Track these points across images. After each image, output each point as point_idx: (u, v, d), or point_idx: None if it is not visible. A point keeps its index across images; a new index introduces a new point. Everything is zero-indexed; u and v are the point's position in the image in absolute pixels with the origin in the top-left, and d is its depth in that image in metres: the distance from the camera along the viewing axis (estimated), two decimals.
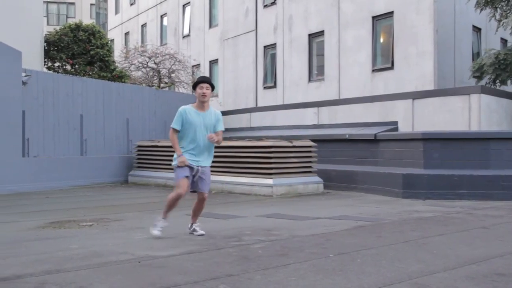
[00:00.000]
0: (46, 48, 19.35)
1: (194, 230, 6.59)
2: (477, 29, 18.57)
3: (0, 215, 8.77)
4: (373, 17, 17.54)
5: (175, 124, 6.34)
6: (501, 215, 8.45)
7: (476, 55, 18.19)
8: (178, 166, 6.29)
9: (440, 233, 6.66)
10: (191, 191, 6.49)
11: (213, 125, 6.42)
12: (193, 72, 25.68)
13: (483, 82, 15.63)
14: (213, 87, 6.43)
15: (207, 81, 6.39)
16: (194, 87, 6.44)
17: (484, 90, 13.18)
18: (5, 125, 12.47)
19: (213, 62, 26.42)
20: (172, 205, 6.39)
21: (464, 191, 10.72)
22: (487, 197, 10.55)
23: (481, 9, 15.85)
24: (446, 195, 10.72)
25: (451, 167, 11.26)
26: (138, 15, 34.47)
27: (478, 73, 15.24)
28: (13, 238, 6.46)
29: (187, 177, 6.29)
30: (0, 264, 4.96)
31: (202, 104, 6.37)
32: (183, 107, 6.44)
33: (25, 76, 13.35)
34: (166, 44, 28.52)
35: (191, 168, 6.34)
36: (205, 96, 6.31)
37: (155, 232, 6.32)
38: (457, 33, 17.07)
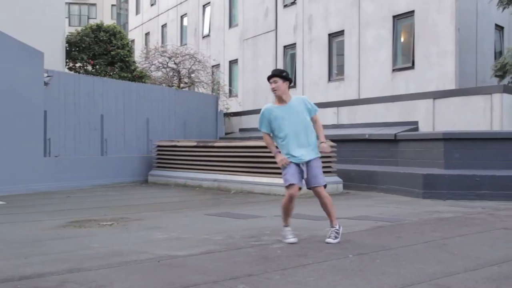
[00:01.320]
0: (67, 48, 19.56)
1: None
2: (499, 28, 18.34)
3: (22, 214, 8.89)
4: (394, 16, 17.42)
5: (261, 127, 6.27)
6: None
7: (498, 54, 17.97)
8: (284, 167, 6.04)
9: (461, 234, 6.60)
10: (308, 188, 6.27)
11: (303, 111, 6.05)
12: (212, 72, 25.75)
13: (505, 81, 15.44)
14: (285, 78, 6.04)
15: (273, 74, 6.05)
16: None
17: (507, 90, 13.01)
18: (27, 125, 12.62)
19: (232, 62, 26.46)
20: (286, 209, 6.15)
21: (486, 192, 10.59)
22: (509, 198, 10.41)
23: (504, 8, 15.65)
24: (467, 195, 10.61)
25: (472, 167, 11.14)
26: (158, 15, 34.66)
27: (501, 72, 15.05)
28: (35, 237, 6.54)
29: (294, 175, 6.01)
30: (22, 262, 5.02)
31: (280, 98, 6.10)
32: (265, 106, 6.27)
33: (47, 76, 13.49)
34: (186, 44, 28.63)
35: (296, 165, 6.03)
36: (275, 90, 6.04)
37: (290, 240, 5.99)
38: (479, 32, 16.88)
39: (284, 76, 6.05)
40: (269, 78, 6.10)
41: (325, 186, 6.25)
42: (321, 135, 6.19)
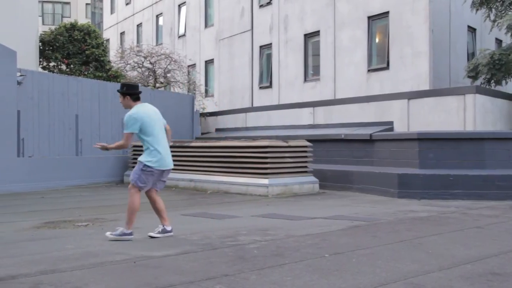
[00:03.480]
0: (41, 47, 19.29)
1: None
2: (472, 30, 18.61)
3: None
4: (369, 17, 17.54)
5: None
6: (496, 215, 8.47)
7: (471, 55, 18.23)
8: None
9: (435, 233, 6.68)
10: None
11: None
12: (188, 72, 25.65)
13: (478, 82, 15.68)
14: (124, 93, 6.53)
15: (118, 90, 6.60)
16: None
17: (479, 90, 13.22)
18: (0, 125, 12.44)
19: (208, 62, 26.40)
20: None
21: (459, 191, 10.74)
22: (482, 197, 10.57)
23: (477, 9, 15.89)
24: (441, 195, 10.74)
25: (446, 167, 11.29)
26: (133, 14, 34.41)
27: (473, 73, 15.29)
28: (8, 239, 6.45)
29: None
30: None
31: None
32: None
33: (20, 76, 13.31)
34: (161, 44, 28.48)
35: None
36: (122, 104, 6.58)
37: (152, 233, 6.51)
38: (452, 33, 17.10)
39: (123, 91, 6.54)
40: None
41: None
42: (113, 144, 6.66)
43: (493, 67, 14.76)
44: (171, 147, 6.70)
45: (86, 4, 52.49)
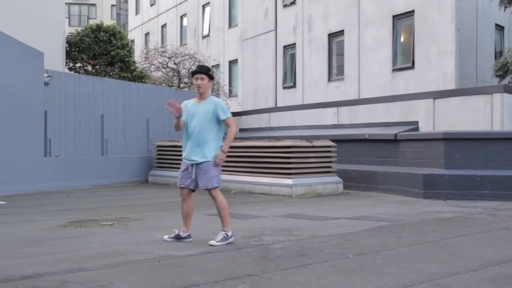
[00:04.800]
0: (67, 49, 19.56)
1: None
2: (500, 28, 18.34)
3: (23, 214, 8.89)
4: (394, 16, 17.41)
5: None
6: None
7: (498, 53, 17.97)
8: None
9: (461, 234, 6.59)
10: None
11: (209, 114, 5.97)
12: (212, 72, 25.72)
13: (506, 81, 15.44)
14: (211, 77, 6.10)
15: (200, 71, 6.05)
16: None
17: (507, 89, 13.00)
18: (28, 126, 12.62)
19: (232, 62, 26.46)
20: (182, 210, 6.15)
21: (486, 192, 10.58)
22: (510, 198, 10.40)
23: (505, 7, 15.64)
24: (467, 195, 10.60)
25: (472, 167, 11.13)
26: (158, 15, 34.66)
27: (501, 72, 15.05)
28: (35, 237, 6.54)
29: (182, 176, 6.05)
30: (23, 262, 5.02)
31: (200, 96, 6.13)
32: (187, 101, 6.29)
33: (47, 76, 13.49)
34: (185, 44, 28.64)
35: (189, 166, 6.03)
36: (200, 87, 6.03)
37: (165, 237, 6.15)
38: (479, 31, 16.88)
39: (210, 74, 6.09)
40: (194, 73, 6.09)
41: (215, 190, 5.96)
42: (226, 142, 6.11)
43: None
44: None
45: (112, 5, 53.03)
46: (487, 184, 10.63)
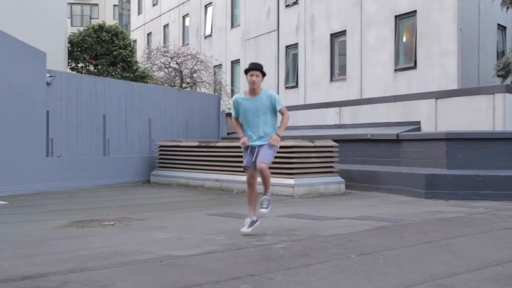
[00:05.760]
0: (69, 49, 19.56)
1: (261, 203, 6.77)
2: (502, 28, 18.32)
3: (25, 214, 8.90)
4: (396, 16, 17.41)
5: (233, 114, 6.73)
6: None
7: (501, 54, 17.95)
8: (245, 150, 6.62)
9: (463, 234, 6.59)
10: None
11: (267, 106, 6.56)
12: (215, 72, 25.76)
13: (508, 81, 15.43)
14: (264, 74, 6.58)
15: (255, 68, 6.51)
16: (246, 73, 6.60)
17: (509, 89, 12.99)
18: (30, 125, 12.63)
19: (234, 62, 26.47)
20: (247, 196, 6.86)
21: (488, 192, 10.57)
22: None
23: (507, 7, 15.63)
24: (469, 195, 10.59)
25: (475, 167, 11.12)
26: (160, 15, 34.69)
27: (503, 72, 15.04)
28: (37, 237, 6.55)
29: (247, 158, 6.61)
30: (25, 262, 5.03)
31: (253, 91, 6.54)
32: (236, 96, 6.78)
33: (49, 76, 13.50)
34: (188, 44, 28.65)
35: (252, 149, 6.54)
36: (254, 83, 6.45)
37: (244, 229, 6.55)
38: (482, 31, 16.86)
39: (263, 71, 6.60)
40: (248, 70, 6.52)
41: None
42: (281, 127, 6.73)
43: None
44: (196, 147, 6.78)
45: (114, 5, 53.07)
46: (489, 184, 10.62)
